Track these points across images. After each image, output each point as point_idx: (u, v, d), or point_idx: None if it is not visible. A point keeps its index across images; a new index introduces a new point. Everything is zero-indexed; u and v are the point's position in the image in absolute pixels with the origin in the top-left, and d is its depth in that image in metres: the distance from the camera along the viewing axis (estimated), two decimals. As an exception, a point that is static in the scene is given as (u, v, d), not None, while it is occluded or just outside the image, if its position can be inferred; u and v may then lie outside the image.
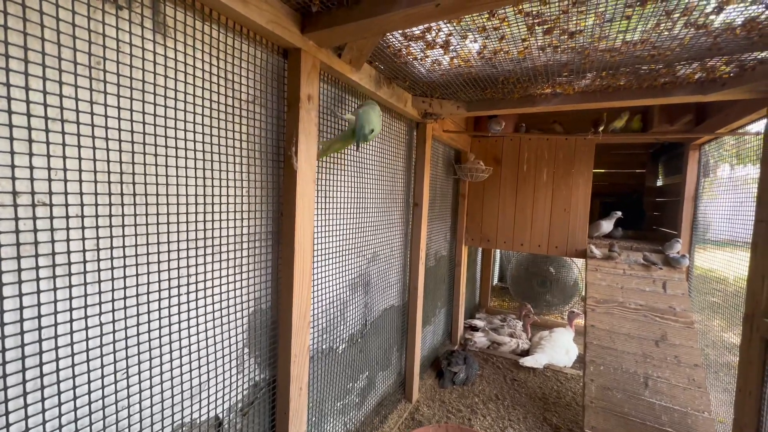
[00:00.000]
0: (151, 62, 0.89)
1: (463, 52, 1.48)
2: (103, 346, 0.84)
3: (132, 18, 0.84)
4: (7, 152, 0.67)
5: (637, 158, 3.94)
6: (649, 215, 3.76)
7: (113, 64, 0.82)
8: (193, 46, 0.98)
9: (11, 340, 0.69)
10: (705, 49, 1.32)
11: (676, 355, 2.21)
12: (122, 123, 0.84)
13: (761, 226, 1.57)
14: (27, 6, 0.68)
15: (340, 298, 1.75)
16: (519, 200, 3.25)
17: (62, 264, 0.76)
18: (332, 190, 1.61)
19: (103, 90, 0.80)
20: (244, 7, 1.00)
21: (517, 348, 3.53)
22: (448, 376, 2.88)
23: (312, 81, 1.30)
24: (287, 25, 1.15)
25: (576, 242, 3.05)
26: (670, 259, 2.64)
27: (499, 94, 2.00)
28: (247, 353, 1.25)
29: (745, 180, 2.43)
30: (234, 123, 1.13)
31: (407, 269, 2.50)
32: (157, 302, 0.94)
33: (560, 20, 1.18)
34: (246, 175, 1.18)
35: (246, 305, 1.23)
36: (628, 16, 1.12)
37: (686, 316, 2.35)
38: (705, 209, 2.72)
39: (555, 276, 4.58)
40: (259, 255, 1.26)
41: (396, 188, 2.24)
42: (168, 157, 0.94)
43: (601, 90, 1.84)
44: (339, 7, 1.14)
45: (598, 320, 2.49)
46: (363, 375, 2.06)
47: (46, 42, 0.71)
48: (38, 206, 0.72)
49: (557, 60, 1.49)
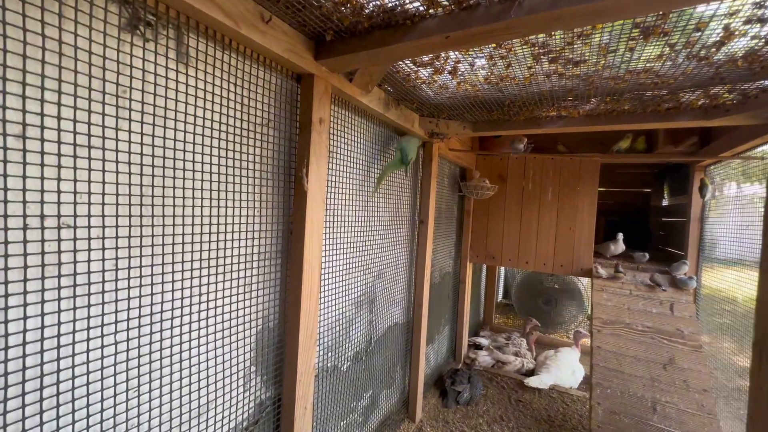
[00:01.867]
0: (173, 90, 0.93)
1: (471, 77, 1.53)
2: (117, 365, 0.85)
3: (157, 49, 0.89)
4: (38, 178, 0.71)
5: (642, 177, 3.96)
6: (655, 235, 3.75)
7: (138, 92, 0.86)
8: (212, 74, 1.03)
9: (31, 358, 0.71)
10: (708, 78, 1.35)
11: (684, 379, 2.18)
12: (144, 148, 0.88)
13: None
14: (63, 42, 0.72)
15: (345, 316, 1.75)
16: (524, 218, 3.26)
17: (82, 284, 0.78)
18: (340, 209, 1.63)
19: (128, 117, 0.84)
20: (263, 37, 1.05)
21: (522, 367, 3.48)
22: (451, 396, 2.84)
23: (324, 105, 1.34)
24: (302, 52, 1.20)
25: (581, 261, 3.04)
26: (677, 280, 2.62)
27: (505, 116, 2.04)
28: (254, 371, 1.25)
29: (752, 198, 2.43)
30: (248, 146, 1.16)
31: (412, 286, 2.50)
32: (170, 320, 0.96)
33: (565, 51, 1.22)
34: (258, 196, 1.22)
35: (254, 323, 1.24)
36: (632, 48, 1.15)
37: (694, 339, 2.33)
38: (712, 228, 2.72)
39: (560, 294, 4.54)
40: (268, 273, 1.28)
41: (402, 206, 2.26)
42: (185, 180, 0.97)
43: (606, 113, 1.87)
44: (352, 36, 1.19)
45: (605, 341, 2.47)
46: (367, 393, 2.05)
47: (79, 74, 0.75)
48: (63, 228, 0.75)
49: (562, 86, 1.53)
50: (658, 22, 1.01)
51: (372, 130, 1.87)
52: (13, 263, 0.68)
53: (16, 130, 0.68)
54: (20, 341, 0.70)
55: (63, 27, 0.72)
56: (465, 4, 0.97)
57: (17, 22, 0.66)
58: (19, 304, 0.69)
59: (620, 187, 4.09)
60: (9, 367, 0.68)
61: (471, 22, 0.98)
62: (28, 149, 0.69)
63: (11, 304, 0.68)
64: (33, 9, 0.68)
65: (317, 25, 1.14)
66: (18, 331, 0.69)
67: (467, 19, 0.99)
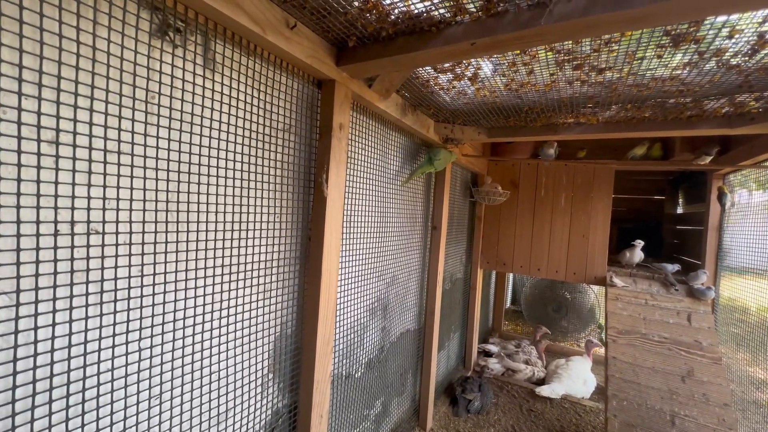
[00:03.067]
0: (199, 96, 0.93)
1: (490, 83, 1.51)
2: (141, 371, 0.85)
3: (185, 55, 0.89)
4: (69, 184, 0.70)
5: (656, 185, 3.90)
6: (669, 243, 3.69)
7: (166, 98, 0.86)
8: (237, 80, 1.02)
9: (59, 366, 0.71)
10: (735, 86, 1.32)
11: (704, 392, 2.12)
12: (171, 153, 0.87)
13: (795, 264, 1.53)
14: (96, 48, 0.72)
15: (359, 323, 1.74)
16: (536, 225, 3.22)
17: (109, 291, 0.78)
18: (356, 214, 1.62)
19: (156, 123, 0.84)
20: (287, 43, 1.04)
21: (533, 376, 3.43)
22: (462, 404, 2.81)
23: (344, 110, 1.33)
24: (324, 58, 1.19)
25: (595, 269, 3.00)
26: (694, 290, 2.57)
27: (522, 122, 2.02)
28: (271, 379, 1.24)
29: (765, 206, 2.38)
30: (269, 151, 1.16)
31: (424, 292, 2.48)
32: (192, 327, 0.96)
33: (590, 57, 1.20)
34: (278, 201, 1.21)
35: (272, 330, 1.23)
36: (660, 55, 1.13)
37: (714, 351, 2.27)
38: (729, 237, 2.67)
39: (571, 301, 4.49)
40: (287, 280, 1.28)
41: (416, 211, 2.25)
42: (209, 185, 0.97)
43: (625, 121, 1.85)
44: (375, 42, 1.19)
45: (620, 352, 2.42)
46: (378, 401, 2.03)
47: (111, 80, 0.75)
48: (92, 235, 0.74)
49: (584, 93, 1.51)
50: (690, 29, 0.99)
51: (389, 135, 1.86)
52: (43, 269, 0.68)
53: (50, 136, 0.68)
54: (48, 348, 0.69)
55: (97, 33, 0.72)
56: (493, 11, 0.96)
57: (53, 28, 0.66)
58: (48, 311, 0.69)
59: (633, 194, 4.03)
60: (37, 375, 0.68)
61: (498, 29, 0.97)
62: (60, 155, 0.69)
63: (41, 310, 0.68)
64: (68, 15, 0.68)
65: (340, 31, 1.13)
66: (47, 338, 0.69)
67: (494, 26, 0.97)
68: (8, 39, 0.62)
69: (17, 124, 0.63)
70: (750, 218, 2.46)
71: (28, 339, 0.67)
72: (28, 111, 0.65)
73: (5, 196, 0.63)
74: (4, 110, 0.62)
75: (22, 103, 0.64)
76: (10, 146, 0.63)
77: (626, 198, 4.06)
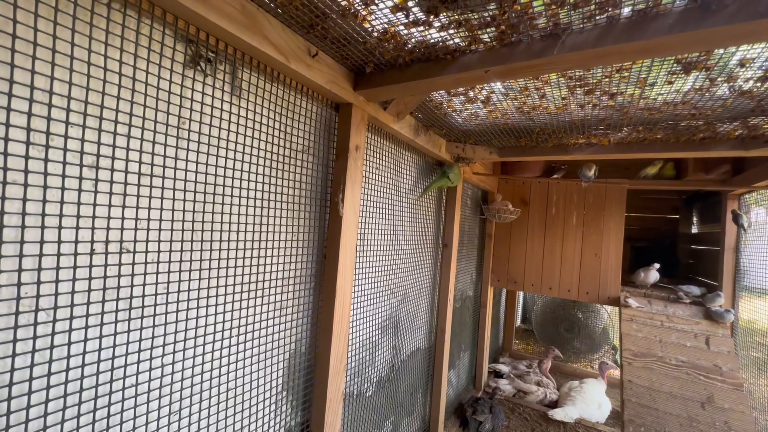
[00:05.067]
0: (226, 121, 0.98)
1: (502, 106, 1.55)
2: (162, 388, 0.87)
3: (215, 83, 0.94)
4: (106, 205, 0.74)
5: (670, 203, 3.86)
6: (684, 263, 3.62)
7: (196, 123, 0.90)
8: (261, 105, 1.08)
9: (88, 380, 0.73)
10: (748, 110, 1.33)
11: (725, 420, 2.05)
12: (198, 176, 0.92)
13: (817, 288, 1.50)
14: (136, 79, 0.78)
15: (371, 341, 1.74)
16: (547, 243, 3.21)
17: (137, 307, 0.81)
18: (369, 232, 1.65)
19: (186, 147, 0.89)
20: (308, 70, 1.09)
21: (545, 398, 3.35)
22: (473, 426, 2.75)
23: (360, 132, 1.38)
24: (342, 83, 1.24)
25: (608, 289, 2.95)
26: (711, 312, 2.51)
27: (533, 142, 2.05)
28: (285, 396, 1.25)
29: None
30: (288, 171, 1.20)
31: (434, 310, 2.47)
32: (211, 344, 0.98)
33: (602, 83, 1.23)
34: (295, 221, 1.24)
35: (287, 347, 1.24)
36: (671, 81, 1.16)
37: (735, 377, 2.20)
38: (747, 262, 2.61)
39: (583, 321, 4.40)
40: (302, 298, 1.30)
41: (427, 229, 2.26)
42: (232, 206, 1.01)
43: (637, 142, 1.86)
44: (391, 68, 1.24)
45: (636, 375, 2.36)
46: (389, 420, 2.00)
47: (147, 108, 0.80)
48: (124, 253, 0.78)
49: (595, 115, 1.53)
50: (701, 58, 1.01)
51: (401, 154, 1.90)
52: (79, 287, 0.71)
53: (90, 161, 0.72)
54: (80, 363, 0.72)
55: (137, 66, 0.77)
56: (507, 42, 1.00)
57: (99, 62, 0.72)
58: (81, 327, 0.72)
59: (647, 212, 3.99)
60: (68, 389, 0.70)
61: (512, 57, 1.01)
62: (99, 179, 0.73)
63: (74, 326, 0.71)
64: (112, 50, 0.74)
65: (359, 59, 1.19)
66: (78, 353, 0.72)
67: (508, 55, 1.01)
68: (59, 73, 0.67)
69: (63, 150, 0.68)
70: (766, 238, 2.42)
71: (61, 354, 0.70)
72: (73, 138, 0.69)
73: (49, 217, 0.67)
74: (52, 138, 0.67)
75: (68, 131, 0.69)
76: (55, 171, 0.67)
77: (640, 217, 4.02)
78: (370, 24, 1.02)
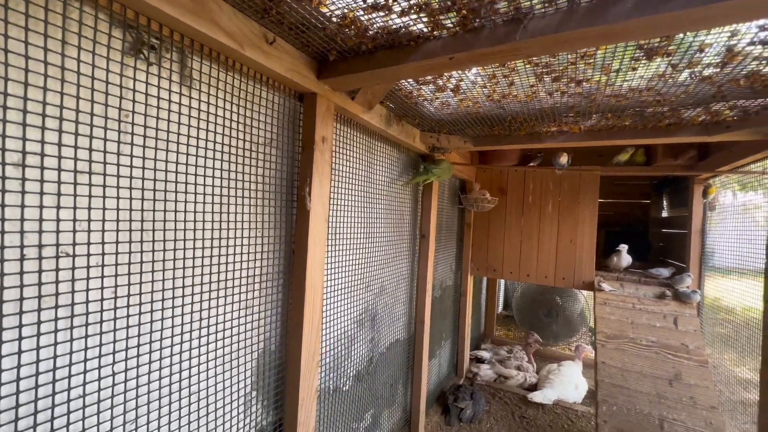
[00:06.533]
0: (175, 113, 0.92)
1: (472, 94, 1.53)
2: (114, 397, 0.82)
3: (161, 72, 0.88)
4: (37, 207, 0.69)
5: (641, 189, 3.96)
6: (655, 246, 3.74)
7: (141, 116, 0.84)
8: (215, 96, 1.02)
9: (24, 395, 0.68)
10: (709, 96, 1.35)
11: (691, 395, 2.14)
12: (146, 172, 0.86)
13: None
14: (65, 68, 0.71)
15: (347, 335, 1.72)
16: (525, 231, 3.25)
17: (80, 314, 0.76)
18: (342, 225, 1.62)
19: (129, 141, 0.83)
20: (266, 58, 1.04)
21: (525, 382, 3.43)
22: (454, 413, 2.79)
23: (326, 123, 1.33)
24: (305, 72, 1.19)
25: (583, 274, 3.02)
26: (680, 293, 2.60)
27: (506, 131, 2.05)
28: (255, 396, 1.22)
29: (746, 207, 2.44)
30: (249, 166, 1.15)
31: (413, 301, 2.47)
32: (170, 348, 0.93)
33: (568, 70, 1.22)
34: (260, 216, 1.20)
35: (255, 347, 1.21)
36: (635, 68, 1.16)
37: (700, 354, 2.30)
38: (713, 239, 2.71)
39: (561, 306, 4.51)
40: (269, 295, 1.26)
41: (403, 220, 2.25)
42: (186, 203, 0.96)
43: (607, 129, 1.88)
44: (355, 55, 1.19)
45: (609, 357, 2.43)
46: (368, 413, 2.00)
47: (81, 100, 0.74)
48: (62, 257, 0.73)
49: (564, 103, 1.53)
50: (662, 43, 1.01)
51: (374, 145, 1.86)
52: (8, 296, 0.66)
53: (15, 159, 0.66)
54: (14, 377, 0.67)
55: (66, 54, 0.71)
56: (470, 27, 0.97)
57: (20, 50, 0.65)
58: (15, 338, 0.67)
59: (619, 198, 4.09)
60: (2, 405, 0.65)
61: (475, 43, 0.98)
62: (27, 177, 0.67)
63: (5, 338, 0.66)
64: (35, 36, 0.67)
65: (320, 46, 1.14)
66: (12, 366, 0.66)
67: (472, 41, 0.99)
68: (-30, 61, 0.60)
69: (-20, 147, 0.62)
70: (732, 219, 2.51)
71: (-8, 369, 0.65)
72: (-8, 134, 0.63)
73: (-33, 221, 0.61)
74: (-34, 134, 0.61)
75: (-15, 126, 0.62)
76: (-28, 170, 0.61)
77: (613, 203, 4.12)
78: (327, 9, 0.97)
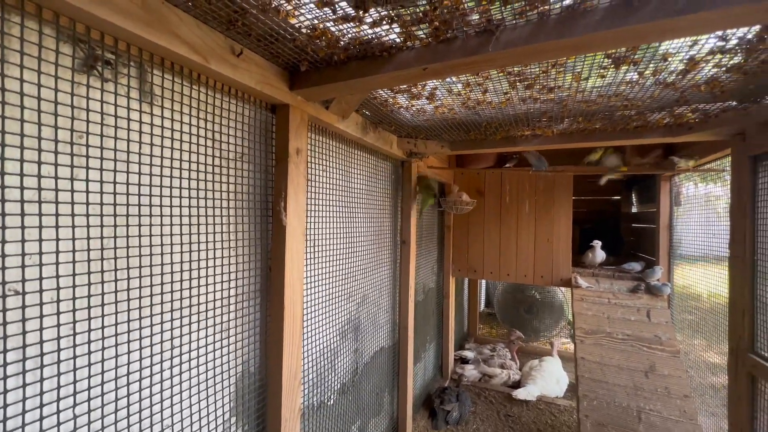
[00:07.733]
0: (136, 131, 0.86)
1: (448, 101, 1.53)
2: (77, 442, 0.76)
3: (117, 89, 0.82)
4: (-23, 243, 0.62)
5: (612, 186, 4.11)
6: (628, 241, 3.88)
7: (96, 137, 0.79)
8: (179, 111, 0.96)
9: (-30, 451, 0.62)
10: (673, 101, 1.40)
11: (666, 386, 2.23)
12: (104, 197, 0.80)
13: (737, 262, 1.64)
14: (5, 89, 0.65)
15: (330, 348, 1.69)
16: (503, 231, 3.30)
17: (33, 356, 0.69)
18: (320, 238, 1.58)
19: (84, 165, 0.77)
20: (234, 71, 1.00)
21: (509, 379, 3.49)
22: (441, 416, 2.80)
23: (300, 135, 1.29)
24: (276, 83, 1.15)
25: (560, 271, 3.10)
26: (651, 286, 2.71)
27: (482, 135, 2.06)
28: (234, 423, 1.16)
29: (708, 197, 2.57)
30: (220, 182, 1.10)
31: (396, 308, 2.45)
32: (138, 382, 0.88)
33: (540, 78, 1.23)
34: (233, 234, 1.15)
35: (234, 370, 1.16)
36: (603, 76, 1.18)
37: (672, 345, 2.39)
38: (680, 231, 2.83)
39: (541, 301, 4.61)
40: (246, 316, 1.21)
41: (383, 227, 2.23)
42: (152, 226, 0.90)
43: (578, 132, 1.92)
44: (327, 66, 1.16)
45: (588, 352, 2.50)
46: (355, 425, 1.97)
47: (26, 123, 0.68)
48: (9, 296, 0.66)
49: (537, 108, 1.55)
50: (628, 53, 1.03)
51: (351, 153, 1.83)
52: (-54, 344, 0.59)
53: (-50, 191, 0.60)
54: (-44, 434, 0.60)
55: (6, 73, 0.65)
56: (443, 38, 0.96)
57: (-50, 71, 0.59)
58: (-45, 391, 0.60)
59: (592, 195, 4.23)
60: (-58, 467, 0.59)
61: (449, 54, 0.97)
62: (-36, 212, 0.61)
63: (-55, 392, 0.59)
64: (-31, 55, 0.61)
65: (291, 57, 1.10)
66: (-47, 422, 0.60)
67: (445, 52, 0.98)
68: None
69: None
70: (696, 210, 2.64)
71: (-71, 427, 0.58)
72: None
73: None
74: None
75: None
76: None
77: (586, 200, 4.25)
78: (296, 20, 0.94)
